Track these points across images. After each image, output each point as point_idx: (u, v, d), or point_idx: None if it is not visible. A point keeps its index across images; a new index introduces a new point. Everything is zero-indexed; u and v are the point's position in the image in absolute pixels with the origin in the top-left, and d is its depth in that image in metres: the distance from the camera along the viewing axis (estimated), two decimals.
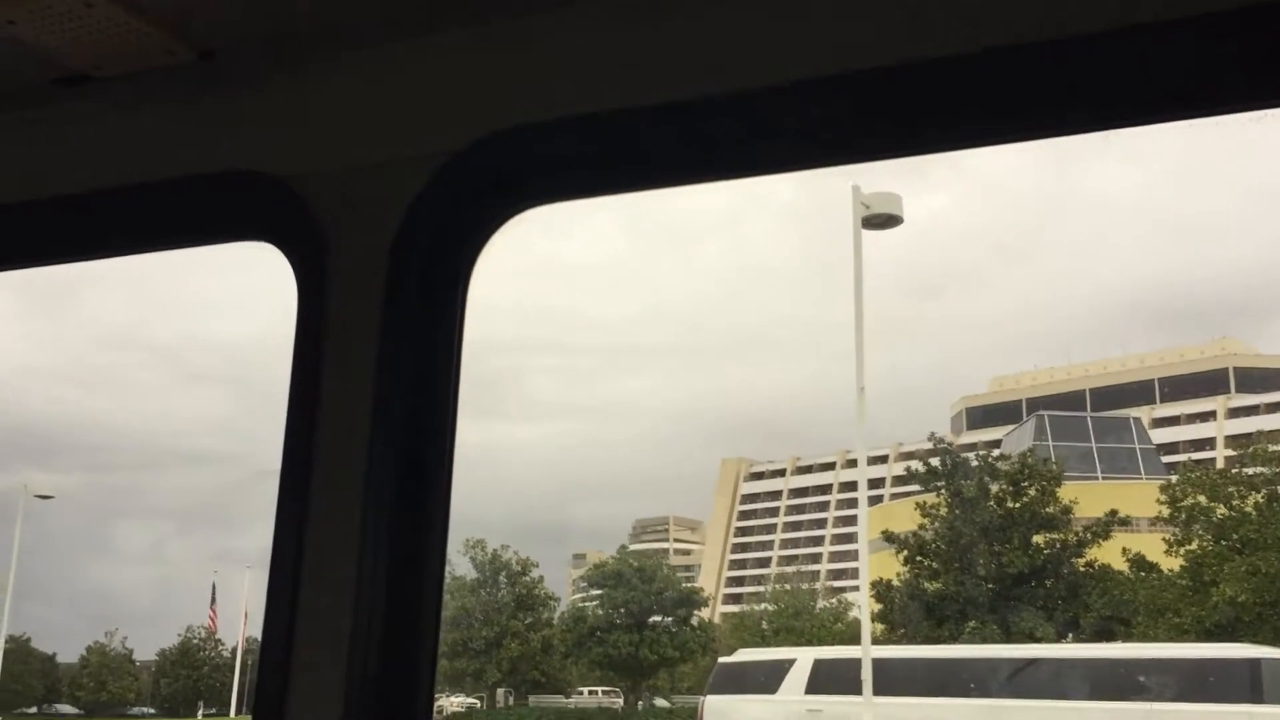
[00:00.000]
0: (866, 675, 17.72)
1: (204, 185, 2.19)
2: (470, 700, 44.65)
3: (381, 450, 1.89)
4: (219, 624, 52.70)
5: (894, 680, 18.53)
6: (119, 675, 52.17)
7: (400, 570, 1.87)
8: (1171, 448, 65.06)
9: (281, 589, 1.91)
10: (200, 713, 50.69)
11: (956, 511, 34.99)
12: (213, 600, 52.34)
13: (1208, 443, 70.14)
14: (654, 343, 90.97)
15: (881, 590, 34.19)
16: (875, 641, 21.44)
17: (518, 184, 1.99)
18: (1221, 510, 31.50)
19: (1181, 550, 31.78)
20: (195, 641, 52.35)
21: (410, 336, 1.95)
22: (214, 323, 69.90)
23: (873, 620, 29.89)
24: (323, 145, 2.12)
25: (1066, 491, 35.44)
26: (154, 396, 68.58)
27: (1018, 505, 34.64)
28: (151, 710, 52.66)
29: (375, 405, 1.91)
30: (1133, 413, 64.69)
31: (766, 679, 20.46)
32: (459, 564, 43.50)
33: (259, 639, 1.96)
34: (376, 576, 1.85)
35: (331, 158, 2.09)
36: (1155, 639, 28.17)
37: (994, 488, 35.25)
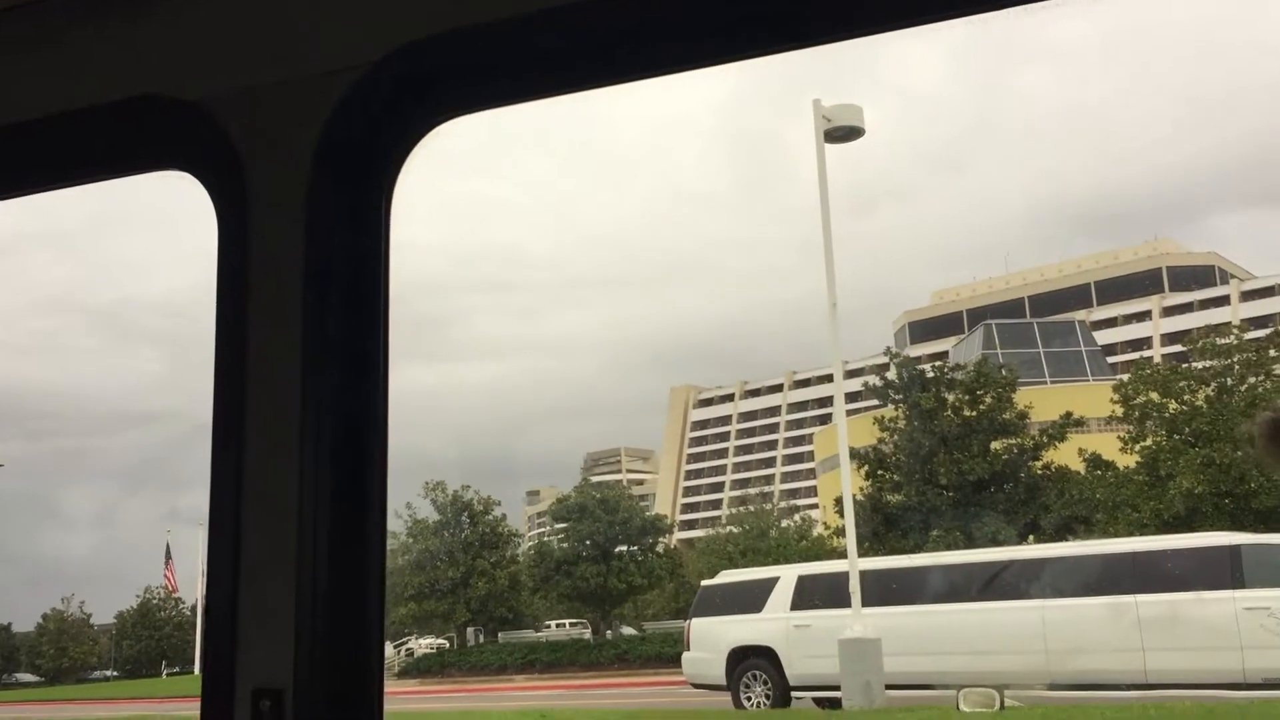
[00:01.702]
0: (855, 587, 17.86)
1: (108, 114, 2.06)
2: (440, 641, 44.77)
3: (315, 377, 1.82)
4: (177, 582, 52.23)
5: (875, 591, 18.72)
6: (79, 640, 51.61)
7: (343, 505, 1.81)
8: (1110, 349, 66.37)
9: (222, 538, 1.83)
10: (164, 672, 50.32)
11: (915, 423, 35.37)
12: (168, 559, 51.79)
13: (1144, 342, 71.67)
14: (593, 276, 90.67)
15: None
16: (841, 556, 21.64)
17: (437, 94, 1.92)
18: (1174, 405, 32.18)
19: (1136, 447, 32.47)
20: (155, 602, 51.83)
21: (336, 256, 1.87)
22: (148, 281, 68.42)
23: (839, 535, 30.24)
24: (232, 63, 2.00)
25: (1020, 397, 35.99)
26: (93, 359, 67.13)
27: (975, 413, 35.11)
28: (114, 673, 52.21)
29: (305, 330, 1.84)
30: (1072, 317, 65.80)
31: (750, 598, 20.54)
32: (420, 507, 43.37)
33: None
34: (319, 516, 1.78)
35: (242, 75, 1.98)
36: (1115, 535, 28.79)
37: (950, 398, 35.65)
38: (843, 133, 20.00)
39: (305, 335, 1.84)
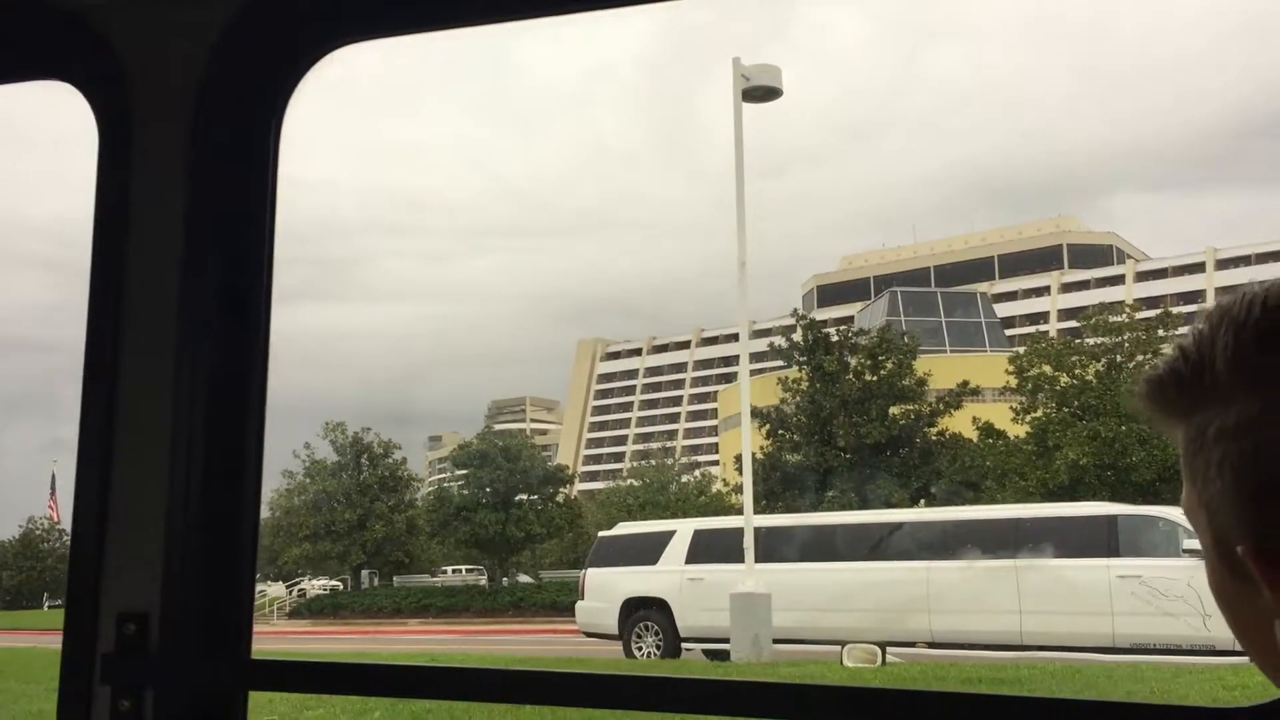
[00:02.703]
0: (749, 543, 18.17)
1: None
2: (334, 582, 44.47)
3: (194, 301, 1.78)
4: (60, 514, 50.95)
5: (771, 547, 19.09)
6: None
7: (218, 433, 1.78)
8: (1009, 321, 68.00)
9: (91, 460, 1.79)
10: (46, 604, 49.21)
11: (817, 385, 35.90)
12: (52, 490, 50.44)
13: (1042, 316, 73.56)
14: (503, 224, 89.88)
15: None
16: (739, 512, 21.94)
17: (333, 16, 1.84)
18: (1065, 379, 33.20)
19: (1028, 418, 33.45)
20: (38, 533, 50.57)
21: (222, 178, 1.82)
22: (39, 202, 65.91)
23: (738, 492, 30.67)
24: None
25: (920, 364, 36.73)
26: None
27: (876, 378, 35.74)
28: None
29: (186, 253, 1.78)
30: (975, 288, 67.22)
31: (647, 551, 20.76)
32: (319, 448, 42.84)
33: None
34: (194, 442, 1.76)
35: None
36: (1003, 501, 29.63)
37: (852, 362, 36.24)
38: (761, 92, 20.06)
39: (186, 258, 1.78)
